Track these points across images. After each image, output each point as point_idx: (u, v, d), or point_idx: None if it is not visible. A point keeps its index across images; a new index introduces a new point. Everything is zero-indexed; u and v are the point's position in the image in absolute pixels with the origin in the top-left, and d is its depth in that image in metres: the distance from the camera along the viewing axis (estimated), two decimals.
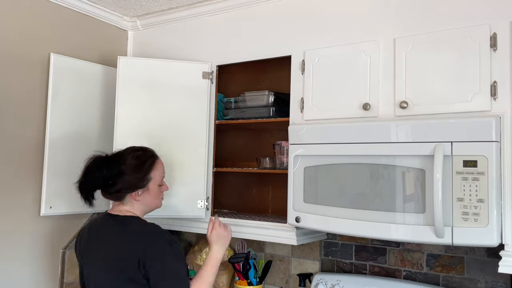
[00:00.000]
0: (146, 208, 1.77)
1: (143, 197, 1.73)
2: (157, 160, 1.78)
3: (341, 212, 1.86)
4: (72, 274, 2.49)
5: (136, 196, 1.72)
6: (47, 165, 2.30)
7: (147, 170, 1.73)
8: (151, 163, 1.75)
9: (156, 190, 1.76)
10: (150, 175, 1.73)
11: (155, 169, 1.75)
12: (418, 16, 1.86)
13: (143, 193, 1.72)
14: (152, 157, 1.77)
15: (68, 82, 2.40)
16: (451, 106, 1.74)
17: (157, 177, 1.76)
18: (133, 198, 1.72)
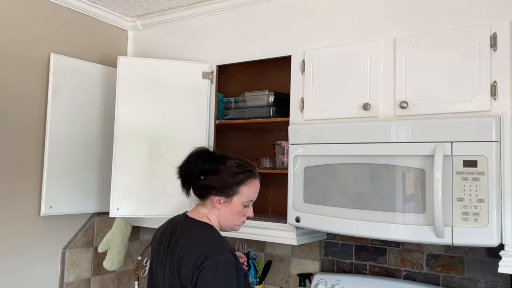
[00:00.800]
0: (222, 223, 1.68)
1: (223, 208, 1.65)
2: (254, 179, 1.68)
3: (341, 212, 1.86)
4: (72, 274, 2.50)
5: (217, 203, 1.64)
6: (47, 165, 2.30)
7: (239, 181, 1.64)
8: (247, 177, 1.66)
9: (238, 208, 1.66)
10: (239, 188, 1.64)
11: (247, 186, 1.66)
12: (418, 16, 1.86)
13: (225, 203, 1.64)
14: (250, 173, 1.67)
15: (68, 82, 2.40)
16: (451, 106, 1.74)
17: (245, 194, 1.65)
18: (214, 204, 1.65)
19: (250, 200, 1.69)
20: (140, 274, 2.85)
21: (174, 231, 1.66)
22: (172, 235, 1.65)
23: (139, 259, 2.85)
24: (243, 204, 1.67)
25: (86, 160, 2.46)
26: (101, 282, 2.66)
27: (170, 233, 1.67)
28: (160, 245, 1.67)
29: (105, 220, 2.69)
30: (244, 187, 1.65)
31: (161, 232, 1.74)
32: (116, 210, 2.26)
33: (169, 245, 1.63)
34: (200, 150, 1.68)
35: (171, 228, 1.69)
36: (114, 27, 2.75)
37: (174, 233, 1.65)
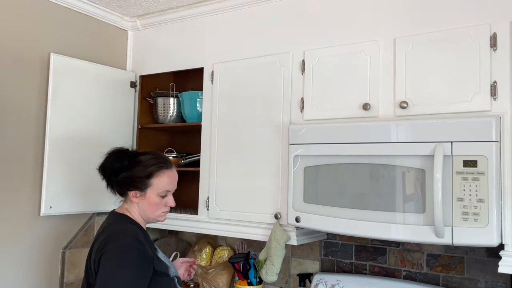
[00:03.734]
0: (143, 215, 1.73)
1: (140, 201, 1.72)
2: (165, 170, 1.73)
3: (341, 212, 1.86)
4: (72, 274, 2.50)
5: (134, 197, 1.72)
6: (47, 165, 2.30)
7: (149, 174, 1.70)
8: (157, 169, 1.72)
9: (155, 199, 1.71)
10: (151, 181, 1.70)
11: (158, 177, 1.71)
12: (418, 16, 1.86)
13: (140, 196, 1.71)
14: (162, 165, 1.73)
15: (68, 82, 2.40)
16: (451, 106, 1.74)
17: (157, 186, 1.71)
18: (131, 198, 1.72)
19: (167, 190, 1.75)
20: None
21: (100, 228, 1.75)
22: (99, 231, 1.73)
23: None
24: (159, 195, 1.73)
25: (86, 160, 2.45)
26: None
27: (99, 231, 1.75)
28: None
29: None
30: (155, 179, 1.72)
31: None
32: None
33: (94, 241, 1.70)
34: (112, 149, 1.78)
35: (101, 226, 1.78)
36: (114, 27, 2.75)
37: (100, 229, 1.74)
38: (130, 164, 1.72)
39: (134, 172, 1.70)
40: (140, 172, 1.70)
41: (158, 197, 1.72)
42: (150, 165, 1.72)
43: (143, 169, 1.71)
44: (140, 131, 2.77)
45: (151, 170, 1.71)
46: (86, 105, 2.48)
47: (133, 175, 1.70)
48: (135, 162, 1.72)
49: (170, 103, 2.71)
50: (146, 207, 1.72)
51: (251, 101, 2.25)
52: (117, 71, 2.67)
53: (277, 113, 2.17)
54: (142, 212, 1.73)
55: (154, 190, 1.71)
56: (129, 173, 1.70)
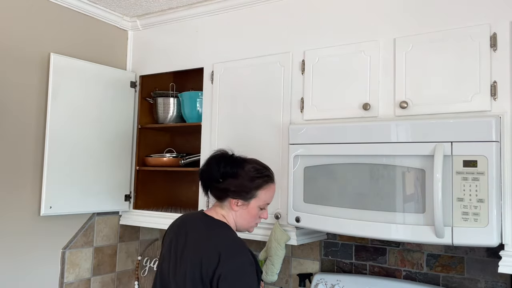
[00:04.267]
0: (238, 224, 1.72)
1: (241, 210, 1.69)
2: (271, 183, 1.74)
3: (341, 212, 1.86)
4: (72, 274, 2.50)
5: (234, 205, 1.68)
6: (47, 165, 2.30)
7: (258, 185, 1.69)
8: (265, 181, 1.71)
9: (255, 210, 1.71)
10: (257, 192, 1.69)
11: (265, 190, 1.71)
12: (418, 16, 1.86)
13: (242, 205, 1.69)
14: (268, 178, 1.73)
15: (68, 82, 2.40)
16: (451, 106, 1.74)
17: (262, 198, 1.70)
18: (231, 206, 1.69)
19: (266, 203, 1.74)
20: (140, 274, 2.85)
21: (192, 229, 1.68)
22: (190, 232, 1.67)
23: (139, 259, 2.85)
24: (260, 207, 1.72)
25: (86, 160, 2.46)
26: (101, 282, 2.66)
27: (186, 230, 1.69)
28: (177, 242, 1.67)
29: (105, 220, 2.69)
30: (262, 191, 1.70)
31: (176, 229, 1.74)
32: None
33: (187, 241, 1.64)
34: (220, 153, 1.73)
35: (188, 226, 1.71)
36: (114, 27, 2.75)
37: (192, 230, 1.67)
38: (236, 171, 1.68)
39: (241, 180, 1.67)
40: (248, 181, 1.68)
41: (258, 208, 1.72)
42: (259, 176, 1.70)
43: (251, 179, 1.68)
44: (140, 131, 2.77)
45: (260, 182, 1.69)
46: (86, 105, 2.48)
47: (241, 184, 1.67)
48: (242, 170, 1.69)
49: (170, 103, 2.71)
50: (245, 216, 1.71)
51: (251, 101, 2.25)
52: (117, 71, 2.67)
53: (277, 113, 2.17)
54: (238, 220, 1.71)
55: (257, 202, 1.70)
56: (235, 181, 1.67)
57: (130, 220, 2.72)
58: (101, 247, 2.67)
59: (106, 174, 2.57)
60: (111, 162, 2.59)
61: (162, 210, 2.66)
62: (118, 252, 2.76)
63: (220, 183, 1.68)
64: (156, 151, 2.85)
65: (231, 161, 1.70)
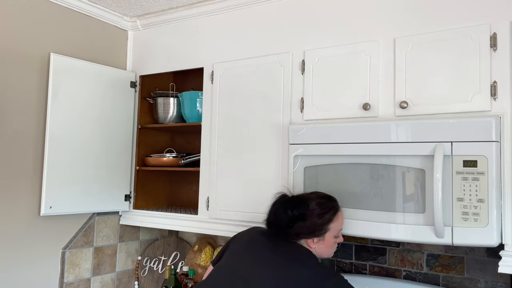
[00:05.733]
0: (318, 255, 1.74)
1: (318, 245, 1.71)
2: (339, 213, 1.76)
3: None
4: (72, 274, 2.50)
5: (311, 243, 1.70)
6: (47, 165, 2.29)
7: (328, 220, 1.70)
8: (333, 213, 1.73)
9: (332, 241, 1.74)
10: (329, 226, 1.71)
11: (335, 221, 1.73)
12: (418, 16, 1.86)
13: (318, 241, 1.71)
14: (334, 209, 1.74)
15: (68, 82, 2.40)
16: (451, 106, 1.74)
17: (335, 229, 1.73)
18: (309, 244, 1.71)
19: (340, 230, 1.77)
20: (140, 274, 2.85)
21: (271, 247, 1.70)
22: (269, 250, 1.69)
23: (139, 259, 2.85)
24: (334, 236, 1.75)
25: (86, 160, 2.46)
26: (101, 282, 2.66)
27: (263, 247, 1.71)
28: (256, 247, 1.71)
29: (105, 220, 2.69)
30: (334, 223, 1.73)
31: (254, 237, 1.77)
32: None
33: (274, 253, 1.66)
34: (283, 199, 1.76)
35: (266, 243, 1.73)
36: (114, 27, 2.75)
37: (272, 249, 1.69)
38: (303, 212, 1.69)
39: (311, 221, 1.69)
40: (317, 220, 1.69)
41: (334, 237, 1.75)
42: (326, 212, 1.71)
43: (320, 216, 1.70)
44: (140, 131, 2.77)
45: (329, 217, 1.71)
46: (86, 105, 2.48)
47: (312, 224, 1.69)
48: (308, 209, 1.70)
49: (170, 103, 2.71)
50: (323, 249, 1.73)
51: (251, 101, 2.25)
52: (117, 71, 2.67)
53: (277, 113, 2.17)
54: (317, 253, 1.73)
55: (331, 233, 1.73)
56: (304, 223, 1.68)
57: (130, 220, 2.72)
58: (101, 247, 2.67)
59: (106, 174, 2.57)
60: (111, 162, 2.59)
61: (162, 210, 2.66)
62: (118, 252, 2.76)
63: (291, 228, 1.69)
64: (156, 151, 2.85)
65: (295, 204, 1.71)
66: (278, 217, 1.71)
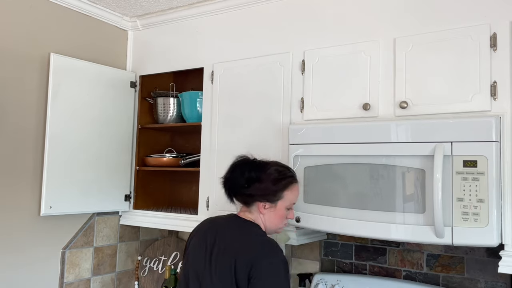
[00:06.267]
0: (267, 226, 1.74)
1: (268, 213, 1.72)
2: (295, 184, 1.77)
3: (341, 212, 1.86)
4: (72, 274, 2.50)
5: (262, 208, 1.70)
6: (47, 165, 2.29)
7: (283, 187, 1.71)
8: (289, 182, 1.74)
9: (282, 211, 1.73)
10: (283, 193, 1.72)
11: (290, 190, 1.73)
12: (418, 16, 1.86)
13: (270, 208, 1.71)
14: (292, 178, 1.76)
15: (68, 82, 2.40)
16: (451, 106, 1.74)
17: (288, 199, 1.73)
18: (259, 209, 1.71)
19: (292, 203, 1.77)
20: (140, 274, 2.85)
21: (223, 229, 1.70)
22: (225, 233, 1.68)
23: (139, 259, 2.85)
24: (286, 207, 1.74)
25: (86, 160, 2.46)
26: (101, 282, 2.66)
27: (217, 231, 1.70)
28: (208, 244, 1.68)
29: (105, 220, 2.69)
30: (287, 192, 1.73)
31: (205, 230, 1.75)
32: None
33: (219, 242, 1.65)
34: (243, 160, 1.76)
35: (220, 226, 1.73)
36: (114, 27, 2.75)
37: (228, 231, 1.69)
38: (260, 175, 1.70)
39: (266, 184, 1.70)
40: (273, 184, 1.70)
41: (285, 209, 1.74)
42: (283, 178, 1.72)
43: (275, 181, 1.71)
44: (140, 131, 2.77)
45: (284, 183, 1.72)
46: (86, 105, 2.48)
47: (266, 187, 1.70)
48: (265, 173, 1.71)
49: (170, 103, 2.71)
50: (273, 219, 1.73)
51: (251, 101, 2.25)
52: (117, 71, 2.67)
53: (277, 113, 2.17)
54: (267, 223, 1.73)
55: (284, 203, 1.73)
56: (261, 185, 1.70)
57: (130, 220, 2.72)
58: (101, 247, 2.67)
59: (106, 174, 2.57)
60: (111, 162, 2.59)
61: (162, 210, 2.66)
62: (118, 252, 2.76)
63: (246, 188, 1.70)
64: (156, 151, 2.85)
65: (254, 166, 1.73)
66: (235, 176, 1.73)
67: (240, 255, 1.57)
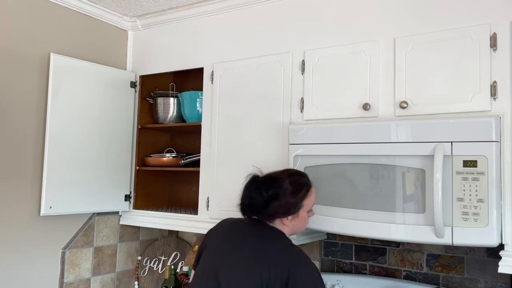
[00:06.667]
0: (293, 231, 1.74)
1: (292, 223, 1.70)
2: (311, 188, 1.75)
3: (341, 212, 1.86)
4: (72, 274, 2.50)
5: (286, 221, 1.69)
6: (47, 165, 2.29)
7: (302, 197, 1.70)
8: (306, 190, 1.72)
9: (305, 217, 1.73)
10: (303, 203, 1.70)
11: (309, 197, 1.72)
12: (418, 16, 1.86)
13: (293, 219, 1.69)
14: (307, 185, 1.73)
15: (68, 82, 2.40)
16: (451, 106, 1.74)
17: (308, 204, 1.72)
18: (283, 222, 1.69)
19: (312, 204, 1.77)
20: (140, 274, 2.85)
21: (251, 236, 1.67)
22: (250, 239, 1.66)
23: (139, 259, 2.85)
24: (307, 211, 1.74)
25: (86, 160, 2.46)
26: (101, 282, 2.66)
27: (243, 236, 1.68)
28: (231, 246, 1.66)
29: (105, 220, 2.69)
30: (306, 200, 1.72)
31: (227, 233, 1.73)
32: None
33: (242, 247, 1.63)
34: (256, 179, 1.72)
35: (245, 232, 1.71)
36: (114, 27, 2.75)
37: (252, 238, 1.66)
38: (276, 192, 1.67)
39: (285, 200, 1.67)
40: (291, 198, 1.68)
41: (307, 213, 1.75)
42: (299, 190, 1.70)
43: (294, 194, 1.68)
44: (140, 131, 2.77)
45: (303, 194, 1.70)
46: (86, 105, 2.48)
47: (286, 203, 1.67)
48: (281, 189, 1.68)
49: (170, 103, 2.71)
50: (298, 225, 1.73)
51: (251, 101, 2.25)
52: (117, 71, 2.67)
53: (277, 113, 2.17)
54: (291, 230, 1.72)
55: (305, 209, 1.72)
56: (278, 203, 1.66)
57: (130, 220, 2.72)
58: (101, 247, 2.67)
59: (106, 174, 2.57)
60: (111, 162, 2.59)
61: (162, 210, 2.66)
62: (118, 252, 2.77)
63: (266, 210, 1.67)
64: (156, 151, 2.85)
65: (268, 185, 1.69)
66: (253, 199, 1.68)
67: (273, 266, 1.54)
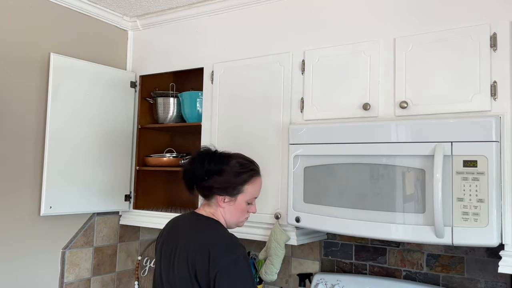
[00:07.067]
0: (227, 220, 1.70)
1: (228, 207, 1.67)
2: (257, 177, 1.72)
3: (341, 212, 1.86)
4: (72, 274, 2.50)
5: (221, 202, 1.66)
6: (47, 165, 2.29)
7: (244, 180, 1.67)
8: (250, 176, 1.69)
9: (243, 205, 1.69)
10: (244, 187, 1.67)
11: (251, 184, 1.69)
12: (418, 16, 1.86)
13: (229, 201, 1.67)
14: (254, 172, 1.71)
15: (68, 82, 2.40)
16: (451, 106, 1.74)
17: (249, 192, 1.69)
18: (218, 202, 1.67)
19: (254, 198, 1.73)
20: (140, 274, 2.85)
21: (183, 229, 1.67)
22: (181, 233, 1.66)
23: (139, 259, 2.85)
24: (247, 201, 1.70)
25: (86, 160, 2.46)
26: (101, 282, 2.66)
27: (178, 231, 1.68)
28: (168, 244, 1.67)
29: (105, 220, 2.69)
30: (248, 186, 1.69)
31: (168, 231, 1.74)
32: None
33: (177, 243, 1.62)
34: (204, 151, 1.71)
35: (179, 227, 1.70)
36: (114, 27, 2.75)
37: (183, 230, 1.66)
38: (221, 167, 1.65)
39: (226, 177, 1.65)
40: (233, 177, 1.65)
41: (246, 203, 1.70)
42: (244, 171, 1.68)
43: (237, 174, 1.66)
44: (140, 131, 2.77)
45: (245, 177, 1.67)
46: (86, 105, 2.48)
47: (226, 180, 1.65)
48: (227, 166, 1.66)
49: (170, 103, 2.71)
50: (233, 212, 1.69)
51: (251, 101, 2.25)
52: (117, 71, 2.67)
53: (277, 113, 2.17)
54: (227, 217, 1.69)
55: (244, 197, 1.68)
56: (220, 178, 1.65)
57: (130, 220, 2.72)
58: (101, 247, 2.67)
59: (106, 174, 2.57)
60: (111, 162, 2.59)
61: (162, 210, 2.66)
62: (118, 252, 2.77)
63: (205, 181, 1.66)
64: (156, 151, 2.85)
65: (215, 158, 1.68)
66: (194, 168, 1.67)
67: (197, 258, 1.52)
